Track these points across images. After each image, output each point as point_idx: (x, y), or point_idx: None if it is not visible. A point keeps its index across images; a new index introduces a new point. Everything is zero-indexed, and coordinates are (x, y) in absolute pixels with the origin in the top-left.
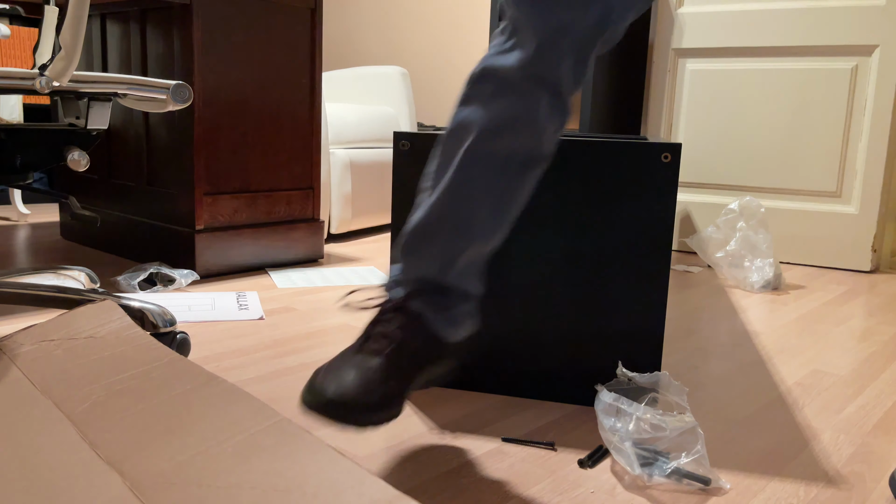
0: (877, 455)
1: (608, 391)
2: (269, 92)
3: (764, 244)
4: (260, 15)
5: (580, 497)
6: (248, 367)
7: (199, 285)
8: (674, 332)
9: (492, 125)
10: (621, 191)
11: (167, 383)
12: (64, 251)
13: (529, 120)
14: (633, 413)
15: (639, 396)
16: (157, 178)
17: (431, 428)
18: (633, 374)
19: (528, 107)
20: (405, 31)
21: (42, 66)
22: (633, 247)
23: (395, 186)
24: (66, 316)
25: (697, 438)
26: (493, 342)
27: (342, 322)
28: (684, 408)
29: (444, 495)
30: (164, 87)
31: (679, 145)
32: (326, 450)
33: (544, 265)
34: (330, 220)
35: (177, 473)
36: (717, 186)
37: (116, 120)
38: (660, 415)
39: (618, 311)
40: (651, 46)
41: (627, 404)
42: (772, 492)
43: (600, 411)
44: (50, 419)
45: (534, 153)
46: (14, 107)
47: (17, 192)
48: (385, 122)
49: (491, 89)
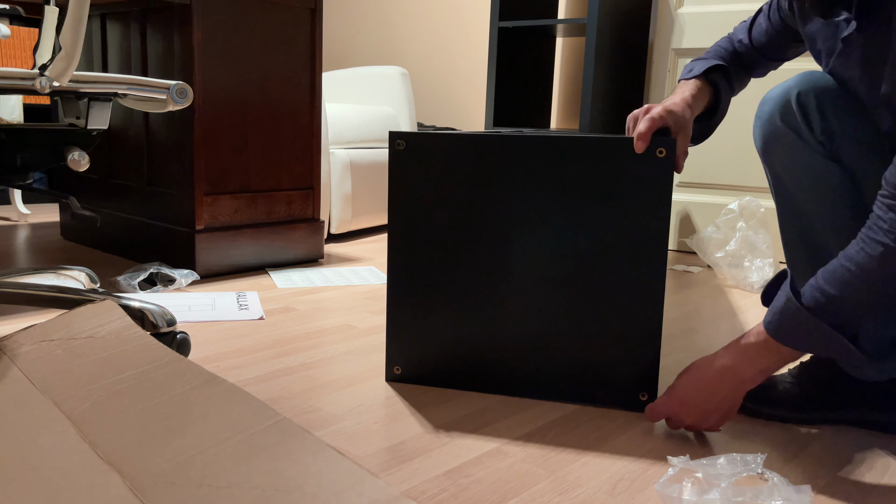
0: (877, 455)
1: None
2: (270, 92)
3: (764, 244)
4: (260, 15)
5: (580, 497)
6: (248, 367)
7: (200, 285)
8: (674, 332)
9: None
10: (617, 187)
11: (167, 383)
12: (64, 251)
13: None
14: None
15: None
16: (158, 178)
17: (431, 428)
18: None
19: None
20: (405, 31)
21: (42, 67)
22: (630, 243)
23: (391, 186)
24: (67, 316)
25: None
26: (492, 342)
27: (342, 322)
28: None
29: (444, 495)
30: (164, 88)
31: (674, 141)
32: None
33: (541, 264)
34: (330, 220)
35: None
36: (717, 186)
37: (116, 120)
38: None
39: (615, 309)
40: (651, 46)
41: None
42: None
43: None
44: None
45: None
46: (14, 107)
47: (17, 192)
48: (385, 122)
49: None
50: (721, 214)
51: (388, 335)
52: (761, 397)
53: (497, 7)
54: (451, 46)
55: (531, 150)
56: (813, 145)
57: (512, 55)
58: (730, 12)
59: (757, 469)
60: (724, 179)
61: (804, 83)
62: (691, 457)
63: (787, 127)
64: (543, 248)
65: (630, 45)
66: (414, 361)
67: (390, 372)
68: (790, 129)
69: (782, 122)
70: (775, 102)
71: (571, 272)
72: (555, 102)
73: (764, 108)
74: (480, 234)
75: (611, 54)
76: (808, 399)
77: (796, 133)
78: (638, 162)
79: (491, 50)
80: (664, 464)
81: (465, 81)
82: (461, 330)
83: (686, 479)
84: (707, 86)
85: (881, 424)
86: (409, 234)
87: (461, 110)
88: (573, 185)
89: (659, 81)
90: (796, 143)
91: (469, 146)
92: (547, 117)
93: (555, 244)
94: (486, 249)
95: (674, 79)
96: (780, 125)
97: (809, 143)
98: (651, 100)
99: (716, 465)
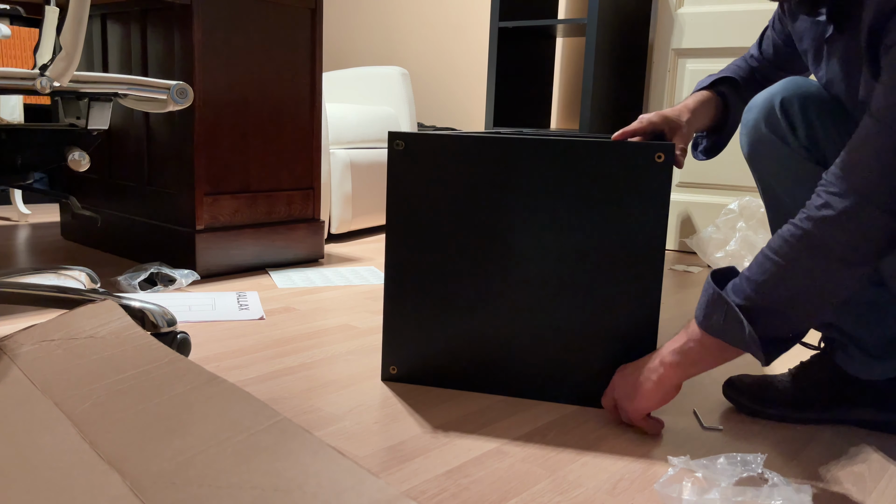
0: (876, 455)
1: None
2: (270, 92)
3: (763, 244)
4: (260, 15)
5: (580, 497)
6: (248, 367)
7: (200, 285)
8: (674, 332)
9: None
10: (615, 190)
11: (168, 383)
12: (64, 251)
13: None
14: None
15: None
16: (158, 178)
17: (431, 428)
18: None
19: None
20: (405, 31)
21: (43, 67)
22: (628, 246)
23: (389, 186)
24: (67, 316)
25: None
26: (488, 343)
27: (342, 322)
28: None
29: (444, 495)
30: (164, 88)
31: (672, 145)
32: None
33: (539, 265)
34: (330, 220)
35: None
36: (717, 186)
37: (117, 120)
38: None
39: (612, 311)
40: (651, 46)
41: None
42: None
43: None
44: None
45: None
46: (14, 107)
47: (17, 192)
48: (385, 122)
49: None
50: (721, 214)
51: (385, 335)
52: (761, 397)
53: (497, 7)
54: (451, 46)
55: (530, 152)
56: (798, 150)
57: (512, 55)
58: (730, 12)
59: (757, 469)
60: (724, 179)
61: (787, 89)
62: (691, 457)
63: (772, 133)
64: (541, 249)
65: (630, 45)
66: (410, 361)
67: (386, 371)
68: (775, 135)
69: (767, 129)
70: (760, 109)
71: (568, 274)
72: (555, 102)
73: (749, 115)
74: (479, 235)
75: (611, 54)
76: (808, 399)
77: (781, 139)
78: (636, 166)
79: (491, 50)
80: (664, 464)
81: (465, 81)
82: (458, 330)
83: (686, 479)
84: (714, 96)
85: (881, 424)
86: (408, 234)
87: (461, 110)
88: (572, 186)
89: (659, 81)
90: (782, 149)
91: (468, 147)
92: (547, 117)
93: (552, 245)
94: (484, 250)
95: (674, 79)
96: (764, 132)
97: (794, 149)
98: (651, 100)
99: (716, 465)
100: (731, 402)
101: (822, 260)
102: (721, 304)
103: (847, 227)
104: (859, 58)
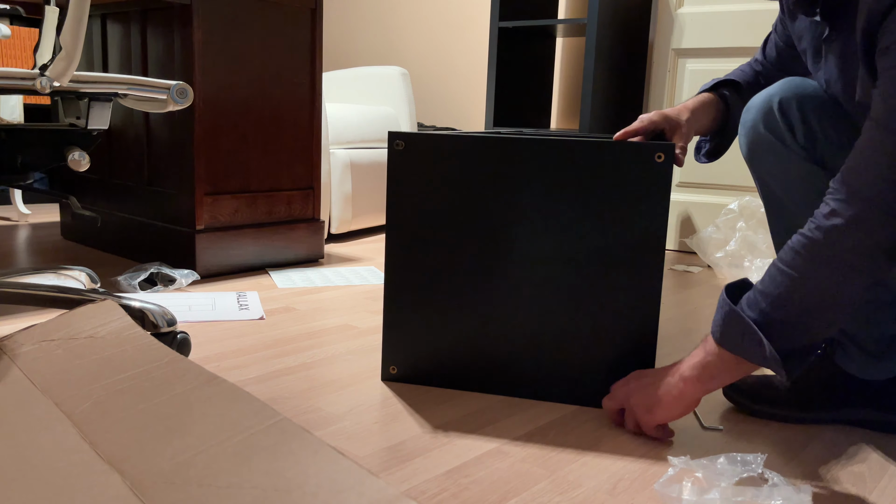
0: (876, 455)
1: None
2: (270, 92)
3: (763, 244)
4: (260, 15)
5: (580, 497)
6: (248, 367)
7: (200, 285)
8: (673, 332)
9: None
10: (616, 191)
11: (168, 383)
12: (64, 251)
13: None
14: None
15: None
16: (158, 178)
17: (431, 428)
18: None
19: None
20: (405, 31)
21: (42, 67)
22: (628, 246)
23: (389, 186)
24: (67, 316)
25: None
26: (488, 343)
27: (342, 322)
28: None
29: (444, 495)
30: (164, 88)
31: (672, 145)
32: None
33: (539, 265)
34: (330, 220)
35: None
36: (717, 186)
37: (117, 120)
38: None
39: (612, 311)
40: (651, 46)
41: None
42: None
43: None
44: (50, 419)
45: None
46: (14, 107)
47: (17, 192)
48: (385, 122)
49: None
50: (721, 214)
51: (385, 334)
52: (761, 397)
53: (497, 7)
54: (451, 46)
55: (530, 152)
56: (797, 151)
57: (512, 55)
58: (730, 12)
59: (757, 469)
60: (724, 179)
61: (786, 90)
62: (691, 457)
63: (770, 134)
64: (541, 249)
65: (630, 45)
66: (410, 361)
67: (386, 371)
68: (774, 136)
69: (766, 130)
70: (758, 110)
71: (568, 273)
72: (555, 102)
73: (747, 115)
74: (478, 235)
75: (611, 54)
76: (808, 399)
77: (780, 140)
78: (637, 166)
79: (491, 50)
80: (664, 464)
81: (465, 81)
82: (458, 330)
83: (686, 479)
84: (715, 98)
85: (881, 424)
86: (408, 234)
87: (461, 110)
88: (572, 186)
89: (659, 81)
90: (780, 150)
91: (468, 147)
92: (547, 117)
93: (552, 245)
94: (484, 250)
95: (674, 79)
96: (763, 133)
97: (793, 149)
98: (651, 100)
99: (716, 465)
100: (731, 402)
101: (834, 269)
102: (738, 322)
103: (856, 234)
104: (856, 58)
